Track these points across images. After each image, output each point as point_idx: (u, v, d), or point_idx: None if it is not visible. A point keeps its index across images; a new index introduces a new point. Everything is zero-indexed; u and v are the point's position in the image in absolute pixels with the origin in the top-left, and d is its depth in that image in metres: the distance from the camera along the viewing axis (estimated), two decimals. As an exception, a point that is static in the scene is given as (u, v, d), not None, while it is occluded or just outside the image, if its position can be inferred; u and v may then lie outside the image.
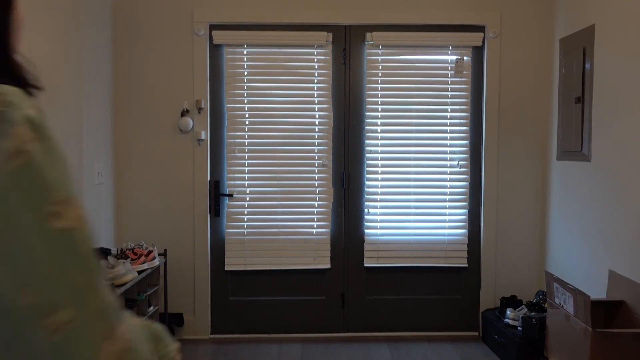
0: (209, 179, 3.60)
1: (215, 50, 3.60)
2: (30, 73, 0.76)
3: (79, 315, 0.58)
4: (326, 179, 3.63)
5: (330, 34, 3.57)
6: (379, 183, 3.67)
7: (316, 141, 3.63)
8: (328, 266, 3.67)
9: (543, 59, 3.63)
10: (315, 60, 3.60)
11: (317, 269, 3.68)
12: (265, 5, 3.55)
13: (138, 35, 3.55)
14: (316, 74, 3.61)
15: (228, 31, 3.56)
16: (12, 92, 0.64)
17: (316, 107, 3.61)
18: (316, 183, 3.64)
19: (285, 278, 3.67)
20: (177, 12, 3.55)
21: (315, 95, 3.61)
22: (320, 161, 3.63)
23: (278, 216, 3.62)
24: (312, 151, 3.63)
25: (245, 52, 3.58)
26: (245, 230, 3.62)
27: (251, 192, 3.62)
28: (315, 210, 3.65)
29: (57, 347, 0.57)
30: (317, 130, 3.63)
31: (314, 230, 3.66)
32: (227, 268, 3.61)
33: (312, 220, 3.65)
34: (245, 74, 3.59)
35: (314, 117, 3.62)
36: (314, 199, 3.64)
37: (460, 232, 3.69)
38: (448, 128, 3.66)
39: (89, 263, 0.61)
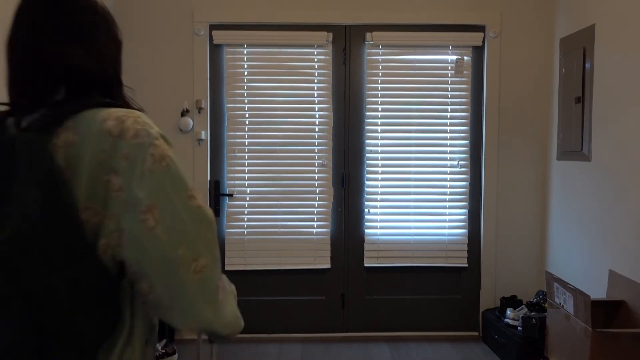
0: (209, 178, 3.60)
1: (216, 50, 3.60)
2: (133, 99, 1.07)
3: (210, 262, 0.90)
4: (326, 178, 3.63)
5: (331, 34, 3.57)
6: (379, 183, 3.67)
7: (316, 141, 3.63)
8: (328, 266, 3.67)
9: (543, 58, 3.63)
10: (316, 60, 3.60)
11: (317, 268, 3.68)
12: (266, 5, 3.55)
13: (138, 35, 3.55)
14: (316, 74, 3.61)
15: (228, 31, 3.56)
16: (142, 115, 0.93)
17: (316, 107, 3.61)
18: (316, 183, 3.64)
19: (285, 278, 3.67)
20: (177, 12, 3.55)
21: (316, 95, 3.61)
22: (321, 161, 3.63)
23: (278, 216, 3.62)
24: (312, 151, 3.63)
25: (245, 52, 3.58)
26: (245, 230, 3.62)
27: (251, 192, 3.62)
28: (315, 210, 3.65)
29: (199, 282, 0.88)
30: (317, 130, 3.63)
31: (314, 230, 3.66)
32: (227, 268, 3.61)
33: (312, 220, 3.65)
34: (246, 74, 3.59)
35: (314, 117, 3.62)
36: (314, 199, 3.64)
37: (460, 232, 3.69)
38: (448, 128, 3.66)
39: (213, 228, 0.91)
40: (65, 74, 0.93)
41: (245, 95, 3.59)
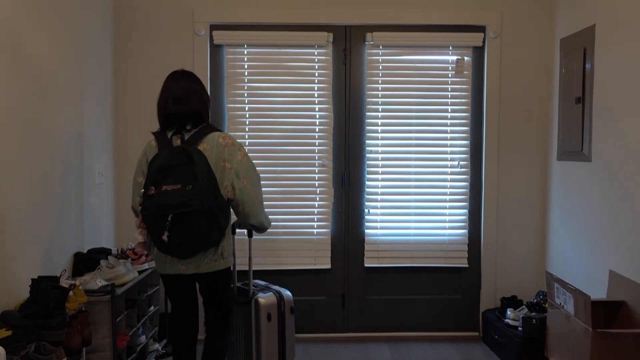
0: (209, 179, 3.59)
1: (216, 50, 3.60)
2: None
3: (261, 197, 2.37)
4: (326, 179, 3.63)
5: (331, 34, 3.57)
6: (379, 183, 3.67)
7: (316, 141, 3.63)
8: (328, 266, 3.67)
9: (544, 59, 3.63)
10: (316, 60, 3.60)
11: (317, 269, 3.68)
12: (266, 5, 3.55)
13: (139, 35, 3.55)
14: (316, 74, 3.61)
15: (228, 31, 3.56)
16: (228, 133, 2.48)
17: (316, 107, 3.62)
18: (316, 183, 3.64)
19: (285, 278, 3.66)
20: (178, 12, 3.55)
21: (316, 96, 3.61)
22: (321, 161, 3.63)
23: (278, 216, 3.61)
24: (313, 151, 3.63)
25: (245, 52, 3.58)
26: (245, 230, 3.62)
27: (251, 192, 3.62)
28: (315, 210, 3.65)
29: (260, 205, 2.34)
30: (317, 130, 3.63)
31: (315, 231, 3.66)
32: (227, 268, 3.61)
33: (312, 220, 3.65)
34: (246, 74, 3.59)
35: (314, 117, 3.62)
36: (314, 199, 3.64)
37: (460, 232, 3.69)
38: (448, 128, 3.66)
39: (260, 182, 2.37)
40: (193, 116, 2.28)
41: (245, 95, 3.59)
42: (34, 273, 2.41)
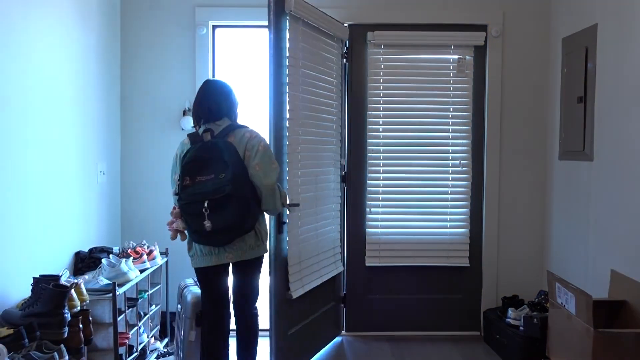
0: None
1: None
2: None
3: (275, 184, 2.45)
4: (328, 178, 3.62)
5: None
6: (381, 182, 3.66)
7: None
8: (329, 265, 3.67)
9: (545, 58, 3.63)
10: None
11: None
12: (266, 6, 3.54)
13: (141, 35, 3.55)
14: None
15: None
16: (253, 129, 2.53)
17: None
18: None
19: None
20: (180, 12, 3.55)
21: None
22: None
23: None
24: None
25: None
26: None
27: (253, 191, 3.62)
28: (316, 209, 3.64)
29: (273, 191, 2.44)
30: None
31: (316, 230, 3.65)
32: (228, 267, 3.61)
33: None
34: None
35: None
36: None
37: (461, 231, 3.69)
38: (450, 127, 3.66)
39: (277, 172, 2.48)
40: (221, 114, 2.52)
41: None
42: (35, 272, 2.42)
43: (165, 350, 3.23)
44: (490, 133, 3.65)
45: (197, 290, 2.79)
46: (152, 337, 3.18)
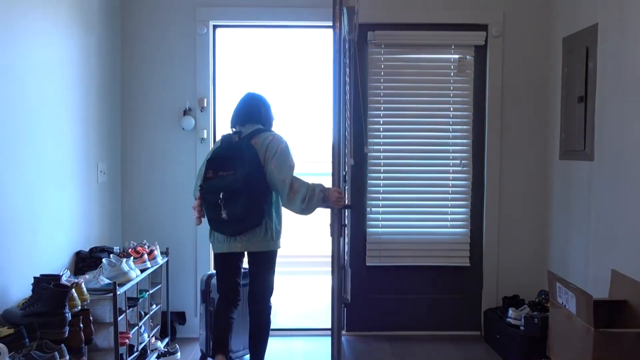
0: (211, 177, 3.60)
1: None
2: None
3: (290, 180, 2.61)
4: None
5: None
6: (381, 182, 3.66)
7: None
8: (330, 265, 3.67)
9: (546, 58, 3.62)
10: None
11: (319, 267, 3.68)
12: (267, 5, 3.55)
13: (142, 35, 3.55)
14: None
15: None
16: (277, 133, 2.76)
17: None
18: (318, 182, 3.63)
19: (287, 277, 3.67)
20: (180, 12, 3.55)
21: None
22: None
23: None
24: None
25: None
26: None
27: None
28: (317, 209, 3.64)
29: (284, 184, 2.60)
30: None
31: (316, 229, 3.66)
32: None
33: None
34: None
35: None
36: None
37: (462, 231, 3.69)
38: (450, 127, 3.66)
39: (293, 171, 2.65)
40: (252, 120, 2.77)
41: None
42: (36, 271, 2.42)
43: (166, 349, 3.23)
44: (490, 133, 3.65)
45: (212, 271, 3.19)
46: (152, 336, 3.18)
